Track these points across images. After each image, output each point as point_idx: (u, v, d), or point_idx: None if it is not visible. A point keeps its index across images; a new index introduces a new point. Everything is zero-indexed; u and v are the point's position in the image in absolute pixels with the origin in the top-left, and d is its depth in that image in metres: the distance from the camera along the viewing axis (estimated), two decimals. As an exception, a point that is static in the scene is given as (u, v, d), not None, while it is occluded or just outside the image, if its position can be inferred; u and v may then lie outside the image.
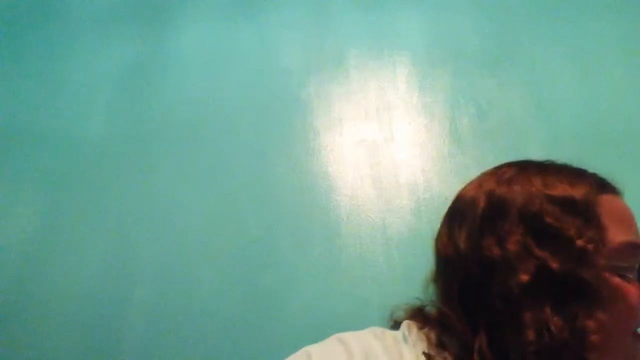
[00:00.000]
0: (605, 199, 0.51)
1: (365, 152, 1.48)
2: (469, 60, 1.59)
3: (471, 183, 0.57)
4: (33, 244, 1.44)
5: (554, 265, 0.45)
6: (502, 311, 0.45)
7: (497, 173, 0.54)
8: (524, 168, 0.53)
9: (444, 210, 0.60)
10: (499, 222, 0.48)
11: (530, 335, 0.43)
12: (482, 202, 0.51)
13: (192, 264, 1.37)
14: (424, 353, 0.49)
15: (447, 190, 1.34)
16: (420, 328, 0.52)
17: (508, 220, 0.48)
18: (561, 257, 0.45)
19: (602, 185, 0.53)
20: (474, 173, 1.55)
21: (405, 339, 0.51)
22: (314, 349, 0.50)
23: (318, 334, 0.57)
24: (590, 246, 0.46)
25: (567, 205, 0.48)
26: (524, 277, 0.45)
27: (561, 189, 0.49)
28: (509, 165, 0.55)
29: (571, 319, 0.43)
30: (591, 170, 0.56)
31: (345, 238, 1.36)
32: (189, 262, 1.37)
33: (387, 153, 1.48)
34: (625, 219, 0.51)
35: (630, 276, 0.47)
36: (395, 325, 0.56)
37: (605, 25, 1.57)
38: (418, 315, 0.55)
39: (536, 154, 0.56)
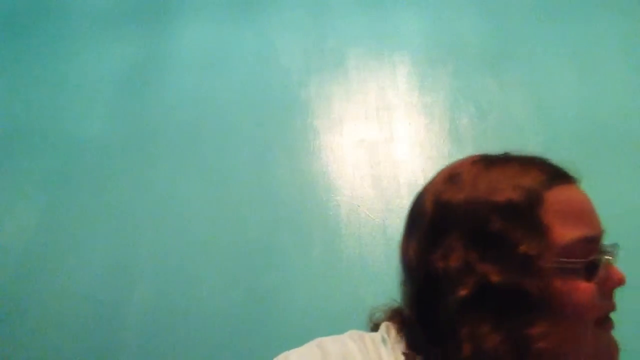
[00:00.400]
0: (553, 195, 0.48)
1: (365, 152, 1.49)
2: (469, 60, 1.59)
3: (429, 182, 0.56)
4: (33, 243, 1.44)
5: (495, 278, 0.44)
6: (445, 325, 0.46)
7: (450, 172, 0.54)
8: (474, 166, 0.52)
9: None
10: (444, 235, 0.48)
11: (467, 350, 0.43)
12: (430, 211, 0.51)
13: (192, 264, 1.37)
14: (403, 353, 0.50)
15: (447, 190, 1.34)
16: (399, 330, 0.53)
17: (452, 233, 0.48)
18: (503, 268, 0.45)
19: (552, 178, 0.50)
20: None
21: (384, 341, 0.52)
22: (292, 353, 0.51)
23: (318, 334, 0.57)
24: (533, 252, 0.45)
25: (509, 211, 0.47)
26: (463, 292, 0.45)
27: (503, 194, 0.47)
28: (461, 163, 0.54)
29: (510, 332, 0.43)
30: (548, 158, 0.55)
31: (345, 238, 1.36)
32: (189, 262, 1.37)
33: (387, 153, 1.48)
34: (576, 212, 0.49)
35: (586, 271, 0.46)
36: (375, 327, 0.56)
37: (605, 26, 1.58)
38: (396, 316, 0.55)
39: (535, 154, 0.56)
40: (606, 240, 0.52)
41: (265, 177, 1.47)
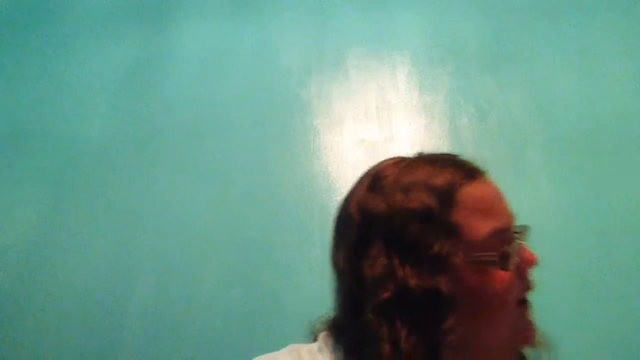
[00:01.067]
0: (464, 193, 0.52)
1: (365, 152, 1.48)
2: (469, 60, 1.59)
3: (353, 188, 0.59)
4: (33, 244, 1.44)
5: (412, 282, 0.48)
6: (369, 327, 0.49)
7: (372, 178, 0.57)
8: (393, 170, 0.56)
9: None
10: (370, 244, 0.51)
11: (386, 350, 0.47)
12: (355, 221, 0.54)
13: (192, 264, 1.37)
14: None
15: (447, 190, 1.33)
16: (337, 338, 0.55)
17: (376, 242, 0.51)
18: (419, 271, 0.48)
19: (462, 176, 0.53)
20: (474, 173, 1.52)
21: (320, 350, 0.54)
22: None
23: (318, 334, 0.57)
24: (445, 252, 0.49)
25: (423, 216, 0.50)
26: (385, 296, 0.48)
27: (417, 200, 0.51)
28: (383, 167, 0.58)
29: (425, 330, 0.47)
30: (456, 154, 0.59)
31: (345, 238, 1.36)
32: (189, 262, 1.37)
33: (387, 153, 1.47)
34: (486, 206, 0.52)
35: (501, 261, 0.49)
36: (316, 338, 0.58)
37: (605, 26, 1.58)
38: (333, 325, 0.57)
39: (536, 154, 0.57)
40: (520, 224, 0.56)
41: (265, 177, 1.47)
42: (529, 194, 1.33)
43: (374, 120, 1.54)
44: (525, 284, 0.53)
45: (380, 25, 1.70)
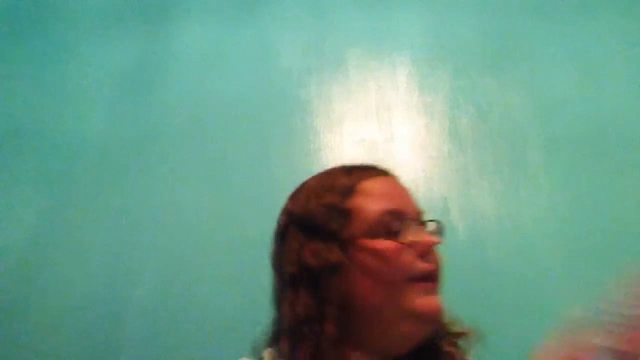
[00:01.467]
0: (364, 185, 0.62)
1: (365, 152, 1.49)
2: (469, 60, 1.59)
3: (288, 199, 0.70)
4: (33, 244, 1.44)
5: (310, 256, 0.58)
6: (279, 297, 0.62)
7: (298, 188, 0.69)
8: (313, 178, 0.68)
9: (443, 210, 0.61)
10: (288, 233, 0.63)
11: (286, 313, 0.58)
12: (281, 223, 0.66)
13: (192, 264, 1.37)
14: None
15: (447, 191, 1.34)
16: (280, 353, 0.60)
17: (291, 231, 0.62)
18: (318, 247, 0.58)
19: (366, 175, 0.64)
20: (473, 173, 1.54)
21: None
22: None
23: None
24: (343, 232, 0.58)
25: (328, 206, 0.61)
26: (290, 270, 0.59)
27: (326, 196, 0.62)
28: (309, 178, 0.70)
29: (320, 295, 0.56)
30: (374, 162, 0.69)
31: (345, 238, 1.36)
32: (188, 262, 1.37)
33: (387, 153, 1.48)
34: (382, 193, 0.62)
35: (390, 234, 0.58)
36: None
37: (605, 26, 1.58)
38: (274, 340, 0.64)
39: (536, 154, 0.57)
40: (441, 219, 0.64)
41: (265, 177, 1.47)
42: (529, 194, 1.33)
43: (374, 120, 1.54)
44: (424, 263, 0.58)
45: (380, 25, 1.70)
